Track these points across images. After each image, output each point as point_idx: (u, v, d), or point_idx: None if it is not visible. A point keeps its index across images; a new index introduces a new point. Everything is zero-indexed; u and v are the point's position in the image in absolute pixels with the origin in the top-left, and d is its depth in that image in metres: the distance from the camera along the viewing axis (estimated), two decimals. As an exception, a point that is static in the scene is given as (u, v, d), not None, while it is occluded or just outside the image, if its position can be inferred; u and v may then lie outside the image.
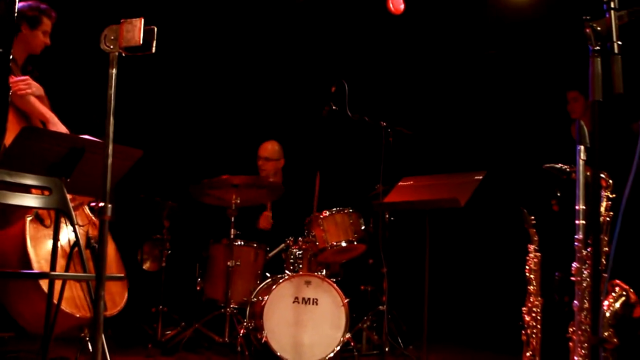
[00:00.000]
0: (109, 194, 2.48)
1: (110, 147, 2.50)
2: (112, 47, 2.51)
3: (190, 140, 6.95)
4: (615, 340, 3.14)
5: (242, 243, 5.44)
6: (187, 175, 5.37)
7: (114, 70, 2.53)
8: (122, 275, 3.67)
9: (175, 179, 6.12)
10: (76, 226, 3.31)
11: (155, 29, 2.55)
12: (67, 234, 3.81)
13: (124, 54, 2.55)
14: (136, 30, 2.50)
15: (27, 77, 4.06)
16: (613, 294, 3.28)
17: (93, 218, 4.18)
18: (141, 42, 2.49)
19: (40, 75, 4.25)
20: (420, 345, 4.71)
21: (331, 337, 5.02)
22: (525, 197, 5.58)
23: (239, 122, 7.10)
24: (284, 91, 7.22)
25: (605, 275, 2.75)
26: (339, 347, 5.02)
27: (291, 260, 5.37)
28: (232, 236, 5.33)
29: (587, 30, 2.31)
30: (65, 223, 3.61)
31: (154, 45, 2.52)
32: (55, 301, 3.46)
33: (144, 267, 5.71)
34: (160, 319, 5.52)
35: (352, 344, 5.14)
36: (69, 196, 3.28)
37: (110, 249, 4.20)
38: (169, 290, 5.68)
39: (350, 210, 5.40)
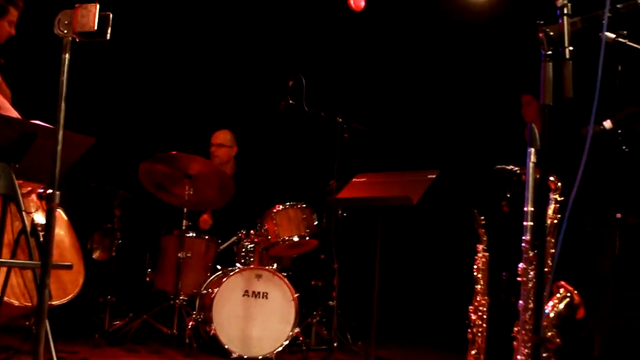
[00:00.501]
0: (58, 181, 2.45)
1: (61, 133, 2.47)
2: (65, 32, 2.48)
3: (145, 130, 6.87)
4: (558, 340, 3.20)
5: (194, 235, 5.41)
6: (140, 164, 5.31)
7: (67, 56, 2.49)
8: (69, 264, 3.59)
9: (128, 169, 6.04)
10: (24, 213, 3.25)
11: (111, 15, 2.52)
12: (12, 222, 3.73)
13: (77, 40, 2.51)
14: (91, 15, 2.47)
15: None
16: (558, 295, 3.34)
17: (42, 206, 4.11)
18: (96, 28, 2.46)
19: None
20: (369, 341, 4.74)
21: (280, 331, 5.03)
22: (477, 197, 5.65)
23: (194, 112, 7.04)
24: (241, 83, 7.18)
25: (550, 276, 2.80)
26: (287, 342, 5.03)
27: (242, 254, 5.36)
28: (183, 227, 5.29)
29: (540, 35, 2.34)
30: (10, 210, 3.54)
31: (109, 31, 2.49)
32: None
33: (93, 256, 5.62)
34: (108, 309, 5.45)
35: (300, 338, 5.15)
36: (18, 182, 3.22)
37: (67, 236, 4.13)
38: (118, 281, 5.62)
39: (304, 205, 5.41)
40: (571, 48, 2.32)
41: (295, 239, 5.32)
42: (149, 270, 5.50)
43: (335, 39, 7.11)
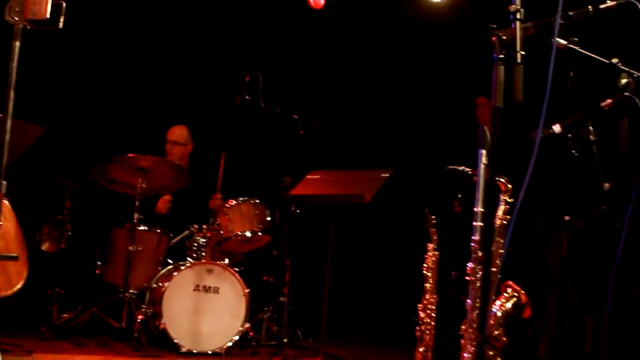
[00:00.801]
0: (5, 171, 2.41)
1: (9, 122, 2.43)
2: (16, 18, 2.44)
3: (97, 121, 6.78)
4: (504, 339, 3.25)
5: (146, 228, 5.36)
6: (92, 156, 5.24)
7: (18, 43, 2.45)
8: (15, 255, 3.53)
9: (79, 160, 5.96)
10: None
11: (64, 4, 2.49)
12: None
13: (29, 27, 2.47)
14: (43, 3, 2.43)
15: None
16: (505, 295, 3.39)
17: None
18: (48, 15, 2.42)
19: None
20: (319, 338, 4.76)
21: (230, 326, 5.02)
22: (428, 196, 5.70)
23: (148, 104, 6.97)
24: (198, 76, 7.13)
25: (499, 276, 2.84)
26: (237, 337, 5.03)
27: (194, 248, 5.33)
28: (135, 220, 5.24)
29: (493, 39, 2.37)
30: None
31: (62, 20, 2.45)
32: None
33: (42, 248, 5.53)
34: (55, 302, 5.36)
35: (251, 334, 5.15)
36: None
37: (11, 227, 4.06)
38: (67, 273, 5.53)
39: (257, 201, 5.41)
40: (523, 52, 2.35)
41: (248, 234, 5.32)
42: (99, 263, 5.43)
43: (293, 35, 7.11)
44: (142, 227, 5.32)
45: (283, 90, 6.42)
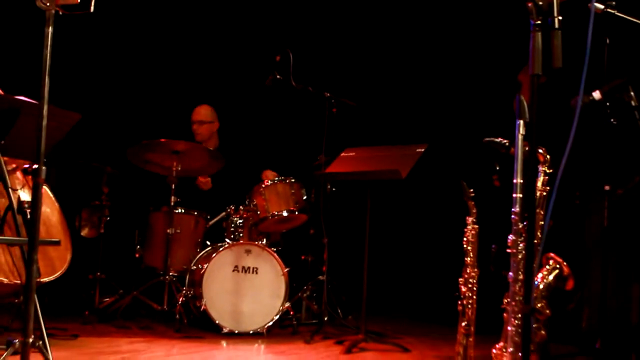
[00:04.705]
0: (43, 156, 2.42)
1: (46, 108, 2.44)
2: (48, 4, 2.44)
3: (130, 105, 6.82)
4: (547, 311, 3.21)
5: (183, 211, 5.38)
6: (127, 141, 5.27)
7: (50, 29, 2.46)
8: (57, 240, 3.58)
9: (114, 145, 6.00)
10: (10, 190, 3.23)
11: (94, -12, 2.48)
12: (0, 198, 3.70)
13: (61, 12, 2.47)
14: (74, -13, 2.43)
15: None
16: (547, 267, 3.35)
17: (28, 182, 4.08)
18: (79, 0, 2.42)
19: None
20: (359, 315, 4.76)
21: (270, 306, 5.04)
22: (465, 169, 5.65)
23: (180, 87, 6.99)
24: (229, 59, 7.13)
25: (540, 248, 2.80)
26: (278, 316, 5.05)
27: (232, 229, 5.35)
28: (172, 204, 5.27)
29: (529, 5, 2.33)
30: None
31: (93, 3, 2.45)
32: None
33: (81, 234, 5.61)
34: (97, 286, 5.45)
35: (291, 313, 5.17)
36: (3, 159, 3.19)
37: (53, 213, 4.11)
38: (107, 258, 5.60)
39: (292, 180, 5.40)
40: (560, 18, 2.30)
41: (285, 213, 5.32)
42: (138, 246, 5.48)
43: (323, 12, 7.06)
44: (179, 210, 5.35)
45: (314, 69, 6.39)
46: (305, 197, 5.43)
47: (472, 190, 3.67)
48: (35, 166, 2.41)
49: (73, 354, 3.87)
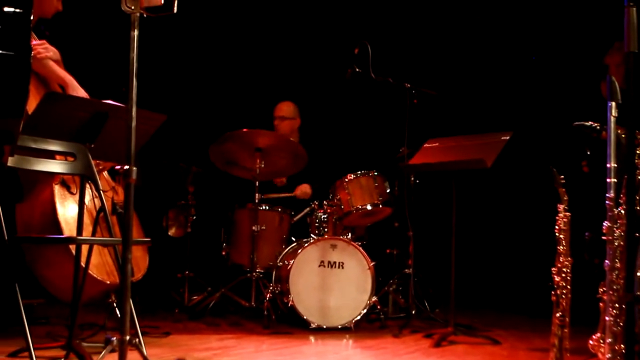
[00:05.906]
0: (134, 157, 2.46)
1: (134, 110, 2.48)
2: (133, 7, 2.47)
3: (213, 104, 6.92)
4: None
5: (267, 208, 5.42)
6: (210, 140, 5.34)
7: (136, 32, 2.49)
8: (149, 239, 3.66)
9: (198, 144, 6.10)
10: (101, 191, 3.31)
11: (176, -11, 2.50)
12: (91, 200, 3.80)
13: (145, 15, 2.51)
14: (157, -11, 2.46)
15: (44, 40, 4.00)
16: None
17: (114, 184, 4.18)
18: (162, 1, 2.45)
19: (58, 37, 4.19)
20: (448, 308, 4.70)
21: (357, 300, 5.02)
22: (554, 156, 5.49)
23: (260, 84, 7.05)
24: (307, 54, 7.15)
25: (637, 234, 2.69)
26: (365, 310, 5.02)
27: (316, 224, 5.35)
28: (256, 201, 5.31)
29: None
30: (91, 188, 3.60)
31: (176, 5, 2.47)
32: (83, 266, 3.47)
33: (169, 234, 5.71)
34: (186, 285, 5.55)
35: (378, 307, 5.13)
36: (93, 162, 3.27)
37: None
38: (195, 256, 5.70)
39: (375, 173, 5.36)
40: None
41: (369, 207, 5.29)
42: (225, 244, 5.55)
43: (399, 2, 7.00)
44: (263, 207, 5.39)
45: (393, 60, 6.33)
46: (389, 190, 5.39)
47: (562, 176, 3.56)
48: (126, 167, 2.45)
49: (166, 351, 3.94)
